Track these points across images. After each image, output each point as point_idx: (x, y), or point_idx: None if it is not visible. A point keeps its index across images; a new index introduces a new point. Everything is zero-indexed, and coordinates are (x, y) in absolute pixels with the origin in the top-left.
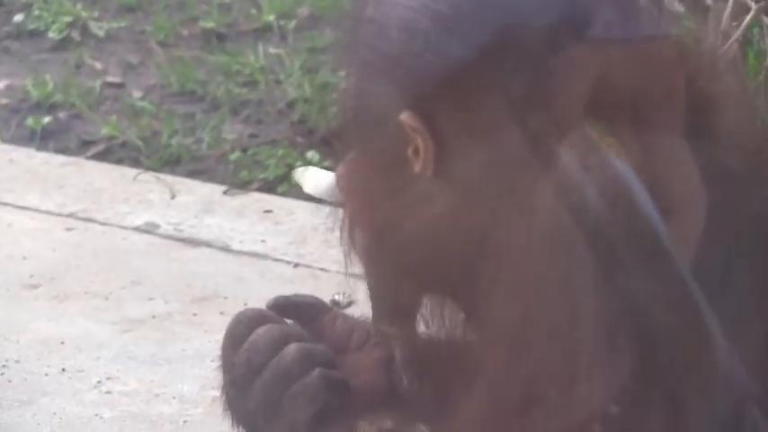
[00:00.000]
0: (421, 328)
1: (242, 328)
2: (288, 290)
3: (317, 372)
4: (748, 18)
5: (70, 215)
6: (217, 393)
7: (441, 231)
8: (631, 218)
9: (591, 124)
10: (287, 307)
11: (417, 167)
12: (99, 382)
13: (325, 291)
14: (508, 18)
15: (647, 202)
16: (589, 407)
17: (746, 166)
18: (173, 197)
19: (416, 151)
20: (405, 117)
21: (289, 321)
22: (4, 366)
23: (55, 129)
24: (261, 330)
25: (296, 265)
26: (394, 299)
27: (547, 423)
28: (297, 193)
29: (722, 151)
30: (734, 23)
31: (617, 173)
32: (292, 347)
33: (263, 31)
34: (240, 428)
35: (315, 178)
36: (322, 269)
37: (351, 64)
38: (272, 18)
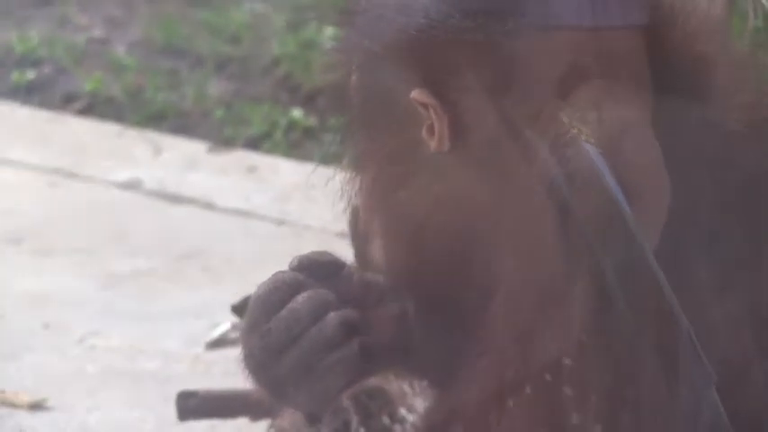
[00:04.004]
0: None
1: (281, 295)
2: (272, 248)
3: (356, 342)
4: None
5: (54, 170)
6: (199, 350)
7: (461, 204)
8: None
9: (563, 107)
10: (309, 266)
11: (433, 145)
12: (82, 337)
13: (307, 248)
14: None
15: (613, 184)
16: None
17: (744, 125)
18: (157, 153)
19: (431, 130)
20: (416, 95)
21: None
22: None
23: (39, 84)
24: (301, 298)
25: (279, 223)
26: (414, 278)
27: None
28: (281, 150)
29: (719, 111)
30: None
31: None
32: (333, 317)
33: None
34: (266, 393)
35: None
36: (305, 226)
37: (352, 58)
38: None
